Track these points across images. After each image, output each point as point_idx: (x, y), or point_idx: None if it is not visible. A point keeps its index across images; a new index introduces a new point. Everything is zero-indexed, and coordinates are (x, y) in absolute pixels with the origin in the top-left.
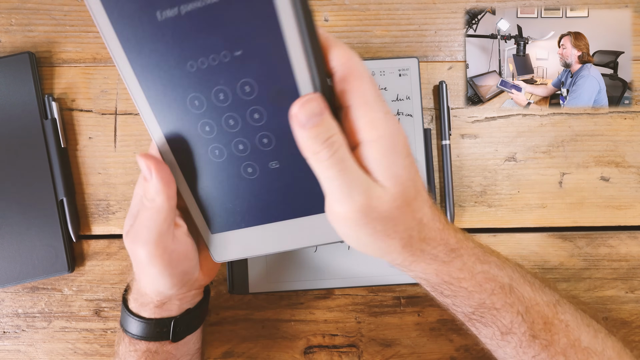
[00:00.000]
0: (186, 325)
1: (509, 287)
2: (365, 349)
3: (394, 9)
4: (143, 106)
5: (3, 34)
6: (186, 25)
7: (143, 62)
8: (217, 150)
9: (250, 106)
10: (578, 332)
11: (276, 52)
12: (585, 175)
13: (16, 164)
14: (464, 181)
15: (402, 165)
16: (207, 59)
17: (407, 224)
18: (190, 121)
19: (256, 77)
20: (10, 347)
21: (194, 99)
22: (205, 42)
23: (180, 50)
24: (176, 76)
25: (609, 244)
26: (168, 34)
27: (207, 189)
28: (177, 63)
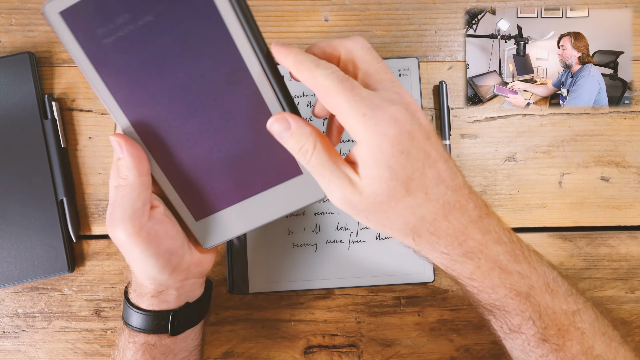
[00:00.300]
0: (185, 319)
1: (526, 294)
2: (365, 349)
3: (394, 9)
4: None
5: (3, 34)
6: (142, 35)
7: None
8: (187, 137)
9: (207, 89)
10: (593, 340)
11: (220, 36)
12: (585, 175)
13: (16, 164)
14: None
15: (386, 166)
16: (164, 57)
17: (404, 219)
18: (158, 114)
19: (206, 62)
20: (10, 347)
21: (159, 93)
22: (162, 43)
23: (154, 50)
24: (145, 70)
25: (609, 244)
26: (129, 45)
27: (183, 177)
28: (149, 59)
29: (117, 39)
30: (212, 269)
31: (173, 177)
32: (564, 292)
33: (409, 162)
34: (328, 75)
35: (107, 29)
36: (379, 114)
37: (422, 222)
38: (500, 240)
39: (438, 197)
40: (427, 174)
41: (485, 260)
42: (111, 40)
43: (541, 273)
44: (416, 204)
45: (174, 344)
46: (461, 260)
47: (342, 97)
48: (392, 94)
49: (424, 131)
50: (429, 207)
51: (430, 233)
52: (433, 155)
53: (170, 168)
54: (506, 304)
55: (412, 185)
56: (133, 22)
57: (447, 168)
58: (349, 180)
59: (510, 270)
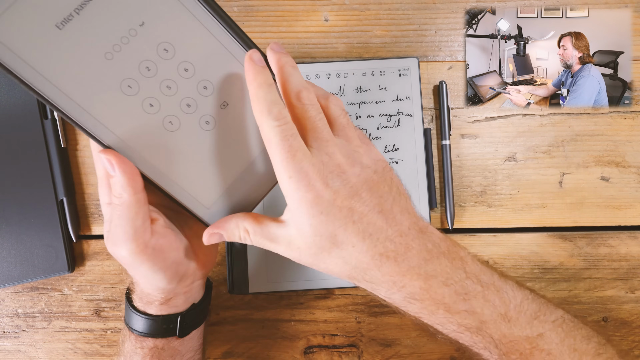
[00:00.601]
0: (192, 320)
1: (476, 329)
2: (365, 349)
3: (394, 9)
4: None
5: None
6: (86, 22)
7: (64, 74)
8: (171, 121)
9: (177, 63)
10: (560, 358)
11: (176, 11)
12: (586, 175)
13: (16, 164)
14: (464, 181)
15: (308, 224)
16: (119, 42)
17: (339, 267)
18: (133, 107)
19: (168, 36)
20: (10, 347)
21: (125, 84)
22: (110, 28)
23: (91, 47)
24: (100, 71)
25: (609, 244)
26: (74, 38)
27: (182, 167)
28: (94, 60)
29: (61, 33)
30: (213, 269)
31: (174, 173)
32: (528, 317)
33: (330, 220)
34: (273, 127)
35: (47, 28)
36: (302, 178)
37: (357, 271)
38: (449, 282)
39: (367, 250)
40: (350, 229)
41: (429, 303)
42: (54, 39)
43: (499, 304)
44: (347, 255)
45: (181, 346)
46: (403, 304)
47: (277, 154)
48: (324, 155)
49: (348, 190)
50: (359, 258)
51: (367, 281)
52: (359, 210)
53: (167, 164)
54: (458, 337)
55: (338, 239)
56: (72, 8)
57: (380, 218)
58: (286, 243)
59: (458, 310)
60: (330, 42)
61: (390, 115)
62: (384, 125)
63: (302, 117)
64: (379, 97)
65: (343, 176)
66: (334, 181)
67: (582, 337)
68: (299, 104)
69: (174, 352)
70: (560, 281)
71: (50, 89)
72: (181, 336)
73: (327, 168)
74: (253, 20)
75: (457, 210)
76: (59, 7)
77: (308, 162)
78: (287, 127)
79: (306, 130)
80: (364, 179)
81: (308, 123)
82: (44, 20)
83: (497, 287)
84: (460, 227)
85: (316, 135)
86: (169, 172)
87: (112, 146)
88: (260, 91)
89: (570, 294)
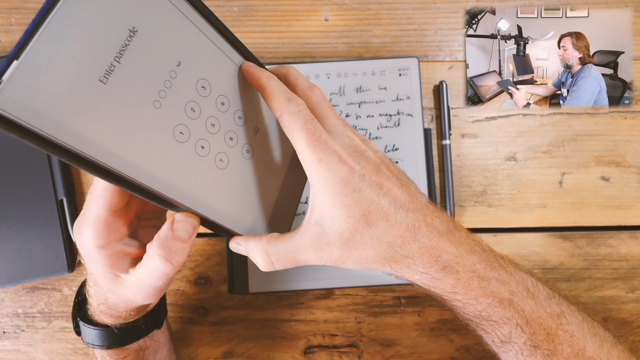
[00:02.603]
0: (161, 306)
1: (509, 301)
2: (365, 349)
3: (394, 9)
4: (141, 176)
5: (3, 34)
6: (130, 69)
7: (120, 136)
8: (221, 159)
9: (215, 99)
10: (583, 341)
11: (203, 45)
12: (586, 175)
13: (16, 164)
14: (464, 181)
15: (342, 205)
16: (163, 87)
17: (374, 249)
18: (187, 153)
19: (202, 72)
20: (10, 347)
21: (177, 130)
22: (153, 73)
23: (140, 97)
24: (152, 123)
25: (610, 243)
26: (121, 90)
27: (232, 197)
28: (145, 111)
29: (107, 88)
30: (213, 268)
31: (221, 203)
32: (545, 296)
33: (362, 197)
34: (295, 114)
35: (91, 84)
36: (332, 159)
37: (393, 248)
38: (474, 250)
39: (400, 221)
40: (383, 203)
41: (464, 272)
42: (99, 95)
43: (519, 279)
44: (381, 233)
45: (161, 336)
46: (441, 276)
47: (303, 139)
48: (344, 137)
49: (373, 167)
50: (394, 232)
51: (405, 256)
52: (386, 185)
53: (216, 199)
54: (492, 313)
55: (371, 217)
56: (112, 59)
57: (404, 192)
58: (314, 244)
59: (489, 278)
60: (330, 42)
61: (390, 115)
62: (384, 125)
63: (317, 106)
64: (379, 97)
65: (365, 154)
66: (359, 159)
67: (598, 324)
68: (312, 94)
69: (157, 345)
70: (561, 281)
71: (102, 155)
72: (160, 326)
73: (350, 148)
74: (253, 20)
75: (457, 210)
76: (99, 58)
77: (334, 143)
78: (307, 113)
79: (322, 118)
80: (380, 159)
81: (324, 111)
82: (87, 76)
83: (512, 264)
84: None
85: (332, 122)
86: (219, 206)
87: (169, 197)
88: (271, 83)
89: (570, 294)
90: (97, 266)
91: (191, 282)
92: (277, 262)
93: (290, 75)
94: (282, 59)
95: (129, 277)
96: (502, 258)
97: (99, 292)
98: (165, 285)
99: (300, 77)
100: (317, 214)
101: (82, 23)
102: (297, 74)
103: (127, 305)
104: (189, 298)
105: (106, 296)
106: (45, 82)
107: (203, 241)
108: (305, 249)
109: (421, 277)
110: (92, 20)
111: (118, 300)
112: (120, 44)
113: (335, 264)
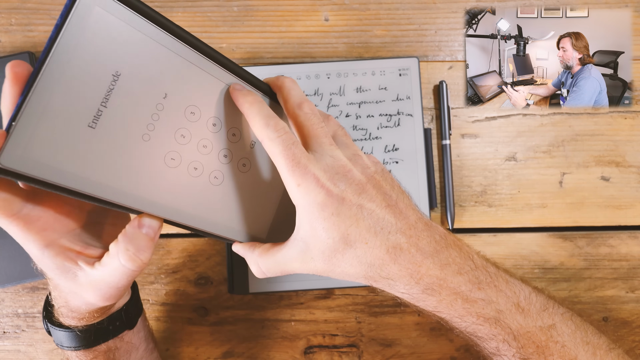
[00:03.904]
0: (134, 307)
1: (495, 319)
2: (365, 349)
3: (394, 9)
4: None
5: (3, 34)
6: (116, 111)
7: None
8: (216, 176)
9: (205, 122)
10: (575, 351)
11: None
12: (586, 175)
13: None
14: (464, 181)
15: (321, 227)
16: (151, 121)
17: (355, 268)
18: (180, 177)
19: (190, 99)
20: (10, 347)
21: (168, 157)
22: (139, 110)
23: (129, 135)
24: (142, 155)
25: (610, 243)
26: (110, 131)
27: (229, 210)
28: (135, 146)
29: (95, 132)
30: (213, 268)
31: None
32: (537, 308)
33: (341, 220)
34: (274, 140)
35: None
36: (310, 184)
37: (373, 269)
38: (462, 271)
39: (380, 244)
40: (362, 226)
41: (446, 294)
42: (89, 138)
43: (510, 294)
44: (360, 254)
45: (134, 337)
46: (422, 298)
47: (282, 164)
48: (327, 158)
49: (355, 188)
50: (373, 254)
51: (384, 277)
52: (368, 207)
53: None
54: (477, 330)
55: (350, 239)
56: (99, 104)
57: (389, 212)
58: (300, 258)
59: (474, 299)
60: (330, 42)
61: (390, 115)
62: (384, 125)
63: (305, 125)
64: (379, 97)
65: (349, 175)
66: (340, 181)
67: (592, 331)
68: (301, 112)
69: (129, 346)
70: (561, 281)
71: (101, 190)
72: (132, 327)
73: (332, 169)
74: (253, 20)
75: (457, 210)
76: (86, 106)
77: (313, 166)
78: (287, 137)
79: (309, 136)
80: (367, 177)
81: (311, 129)
82: (76, 125)
83: (505, 279)
84: (460, 227)
85: (319, 141)
86: (217, 219)
87: (168, 218)
88: (253, 108)
89: (570, 294)
90: (50, 269)
91: (191, 282)
92: (268, 272)
93: (284, 90)
94: (282, 59)
95: (88, 277)
96: (496, 270)
97: (60, 295)
98: (126, 285)
99: (293, 93)
100: (302, 232)
101: (67, 79)
102: (290, 88)
103: (88, 307)
104: (189, 298)
105: (66, 299)
106: (39, 136)
107: (203, 241)
108: (291, 261)
109: (402, 295)
110: (76, 73)
111: (79, 303)
112: (105, 90)
113: (322, 275)
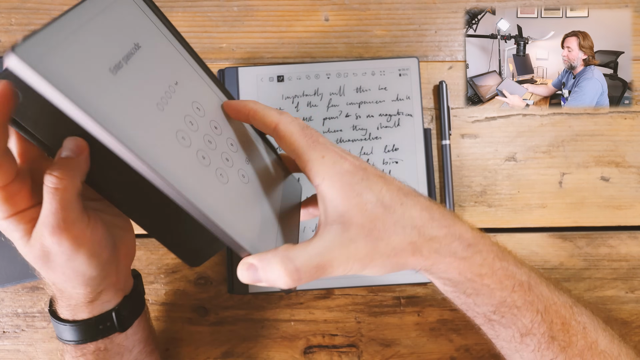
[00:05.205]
0: (129, 311)
1: (528, 284)
2: (365, 349)
3: (394, 9)
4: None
5: (3, 34)
6: (135, 71)
7: (125, 119)
8: (221, 174)
9: (208, 121)
10: (595, 335)
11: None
12: (586, 175)
13: None
14: (464, 181)
15: (355, 194)
16: (164, 95)
17: (398, 236)
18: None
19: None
20: (10, 347)
21: (180, 135)
22: (155, 81)
23: (145, 94)
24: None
25: (609, 244)
26: (128, 84)
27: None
28: (150, 107)
29: (116, 78)
30: (212, 268)
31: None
32: (553, 286)
33: (372, 184)
34: (291, 122)
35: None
36: (334, 155)
37: (417, 229)
38: (484, 235)
39: (413, 204)
40: (392, 189)
41: (486, 251)
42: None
43: (526, 270)
44: (400, 216)
45: (126, 340)
46: (468, 254)
47: (303, 141)
48: (334, 144)
49: (368, 164)
50: (412, 214)
51: (430, 239)
52: (387, 177)
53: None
54: (516, 298)
55: (386, 201)
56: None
57: (400, 184)
58: (338, 243)
59: (506, 258)
60: (330, 42)
61: (390, 115)
62: (384, 125)
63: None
64: (379, 97)
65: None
66: (356, 157)
67: (604, 319)
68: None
69: (120, 348)
70: (560, 281)
71: (112, 132)
72: (123, 330)
73: (344, 151)
74: (253, 20)
75: (457, 210)
76: (110, 53)
77: (330, 144)
78: (301, 121)
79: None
80: (364, 162)
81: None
82: (99, 62)
83: (518, 258)
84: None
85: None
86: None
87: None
88: (259, 105)
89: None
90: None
91: (191, 282)
92: (303, 270)
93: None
94: (282, 59)
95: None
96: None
97: (49, 278)
98: (79, 214)
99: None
100: (332, 212)
101: (100, 20)
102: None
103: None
104: (189, 298)
105: (54, 281)
106: (66, 48)
107: None
108: (329, 250)
109: (450, 263)
110: (108, 23)
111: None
112: (127, 51)
113: (363, 265)
